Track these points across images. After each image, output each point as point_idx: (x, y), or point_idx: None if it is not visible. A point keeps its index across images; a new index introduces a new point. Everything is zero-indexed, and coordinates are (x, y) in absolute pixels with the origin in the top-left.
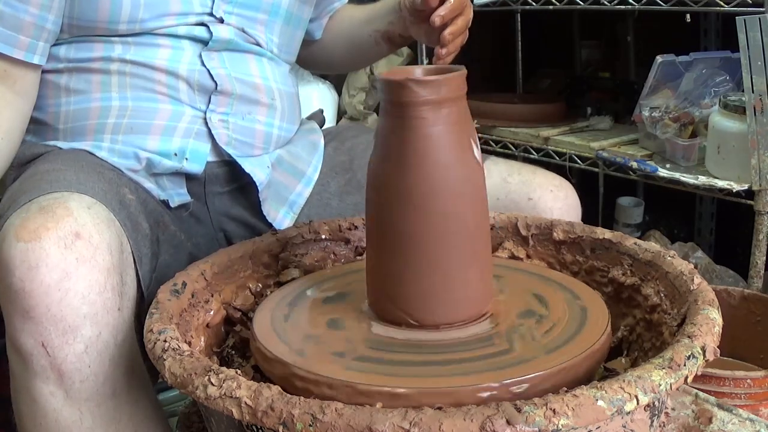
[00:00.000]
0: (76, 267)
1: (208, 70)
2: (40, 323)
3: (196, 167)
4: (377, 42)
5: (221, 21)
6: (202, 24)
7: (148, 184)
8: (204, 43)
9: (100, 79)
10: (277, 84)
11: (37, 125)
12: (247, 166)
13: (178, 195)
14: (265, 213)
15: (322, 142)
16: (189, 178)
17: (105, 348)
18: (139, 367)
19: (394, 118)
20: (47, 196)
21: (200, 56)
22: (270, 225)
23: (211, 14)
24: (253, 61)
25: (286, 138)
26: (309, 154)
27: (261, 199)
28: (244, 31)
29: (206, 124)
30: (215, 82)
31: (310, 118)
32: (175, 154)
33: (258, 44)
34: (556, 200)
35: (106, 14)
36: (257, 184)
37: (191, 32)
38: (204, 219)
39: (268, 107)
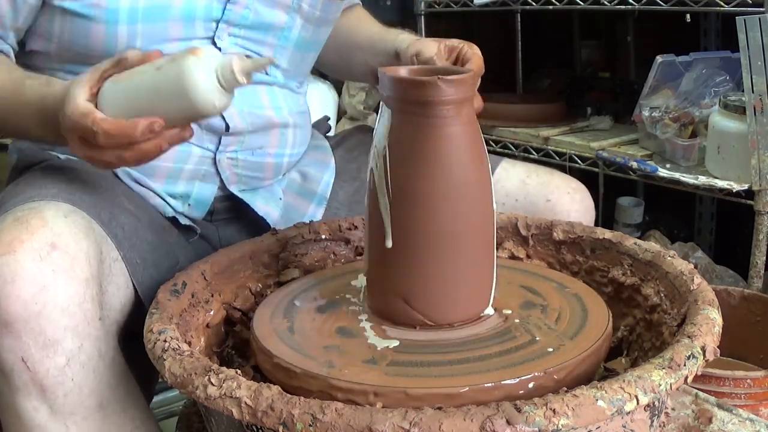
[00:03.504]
0: (54, 279)
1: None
2: (19, 338)
3: (198, 213)
4: (363, 73)
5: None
6: None
7: (156, 201)
8: None
9: None
10: (290, 111)
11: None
12: (260, 204)
13: (185, 221)
14: None
15: (333, 159)
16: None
17: (88, 360)
18: (125, 376)
19: (412, 117)
20: (23, 207)
21: None
22: None
23: (212, 41)
24: (264, 92)
25: (295, 161)
26: (320, 172)
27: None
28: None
29: (215, 164)
30: (226, 123)
31: (314, 126)
32: (180, 197)
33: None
34: (573, 202)
35: (101, 43)
36: (270, 223)
37: None
38: (213, 239)
39: (279, 137)
